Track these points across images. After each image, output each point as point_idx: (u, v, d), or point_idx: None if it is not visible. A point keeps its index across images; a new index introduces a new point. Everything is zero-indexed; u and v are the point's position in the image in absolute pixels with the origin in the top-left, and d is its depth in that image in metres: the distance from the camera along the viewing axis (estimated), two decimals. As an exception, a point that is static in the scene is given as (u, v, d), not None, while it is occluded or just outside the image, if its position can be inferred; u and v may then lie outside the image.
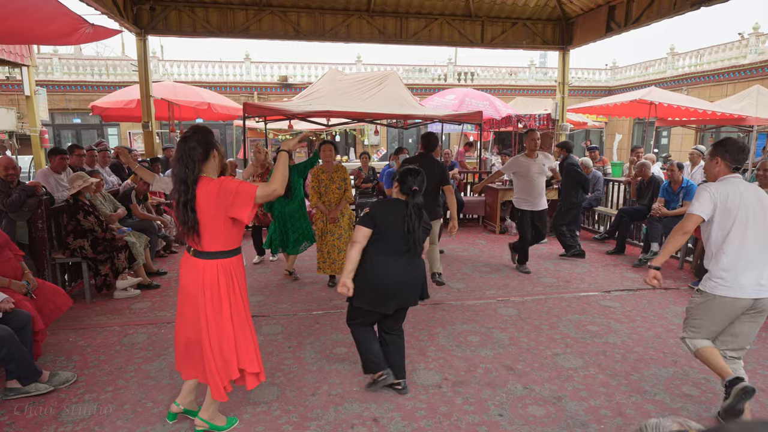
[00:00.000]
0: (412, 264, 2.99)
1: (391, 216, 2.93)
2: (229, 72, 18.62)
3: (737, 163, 2.80)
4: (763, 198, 2.74)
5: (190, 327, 2.55)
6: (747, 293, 2.68)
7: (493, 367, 3.48)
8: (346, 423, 2.82)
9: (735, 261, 2.69)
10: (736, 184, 2.75)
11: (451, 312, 4.57)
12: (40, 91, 8.91)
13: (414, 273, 3.00)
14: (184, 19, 8.21)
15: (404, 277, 2.95)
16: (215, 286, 2.48)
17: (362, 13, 8.68)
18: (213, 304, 2.48)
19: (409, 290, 3.00)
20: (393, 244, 2.93)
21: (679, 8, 6.54)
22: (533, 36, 9.29)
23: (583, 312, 4.59)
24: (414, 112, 7.84)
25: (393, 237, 2.92)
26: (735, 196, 2.69)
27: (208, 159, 2.48)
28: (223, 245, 2.50)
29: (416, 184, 2.96)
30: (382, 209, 2.96)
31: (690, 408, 2.98)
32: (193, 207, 2.41)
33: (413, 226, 2.91)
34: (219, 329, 2.50)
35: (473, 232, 8.40)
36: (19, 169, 4.77)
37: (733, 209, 2.69)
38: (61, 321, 4.09)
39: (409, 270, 2.97)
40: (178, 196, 2.43)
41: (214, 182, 2.43)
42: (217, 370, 2.51)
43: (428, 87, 19.12)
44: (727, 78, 15.31)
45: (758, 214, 2.69)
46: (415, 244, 2.95)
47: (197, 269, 2.49)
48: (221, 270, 2.49)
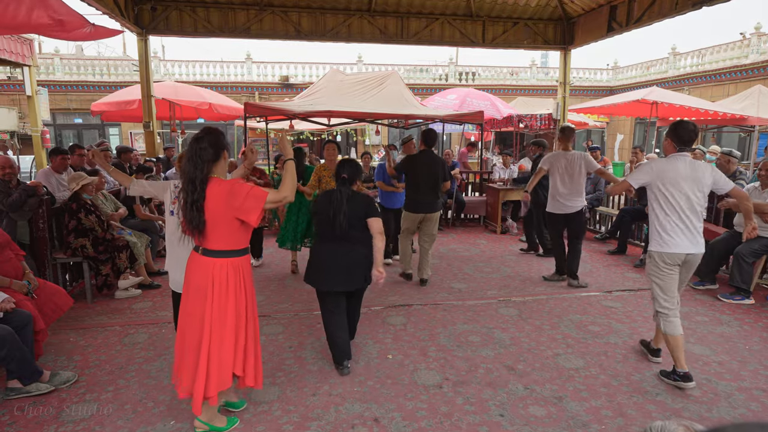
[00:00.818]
0: (342, 249, 3.26)
1: (323, 204, 3.30)
2: (231, 72, 18.63)
3: (682, 144, 3.27)
4: (698, 174, 3.20)
5: (194, 325, 2.51)
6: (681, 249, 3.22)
7: (494, 368, 3.48)
8: (346, 423, 2.81)
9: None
10: (676, 160, 3.24)
11: (452, 312, 4.56)
12: (41, 91, 8.92)
13: (343, 256, 3.25)
14: (185, 19, 8.21)
15: (331, 260, 3.25)
16: (224, 283, 2.49)
17: (363, 13, 8.68)
18: (219, 302, 2.48)
19: (337, 273, 3.25)
20: (322, 229, 3.34)
21: (681, 8, 6.52)
22: (534, 36, 9.28)
23: (584, 312, 4.58)
24: (415, 112, 7.82)
25: (319, 221, 3.35)
26: (671, 171, 3.21)
27: (218, 160, 2.51)
28: (232, 244, 2.52)
29: (345, 172, 3.33)
30: (319, 199, 3.38)
31: (691, 408, 2.97)
32: (200, 207, 2.42)
33: (336, 208, 3.21)
34: (221, 329, 2.49)
35: (474, 232, 8.39)
36: (17, 168, 4.76)
37: (667, 181, 3.22)
38: (62, 321, 4.10)
39: (337, 254, 3.26)
40: (186, 195, 2.44)
41: (225, 184, 2.46)
42: (206, 379, 2.46)
43: (429, 87, 19.11)
44: (728, 78, 15.28)
45: (687, 186, 3.20)
46: (335, 224, 3.20)
47: (207, 267, 2.49)
48: (231, 268, 2.51)
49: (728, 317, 4.45)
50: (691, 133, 3.24)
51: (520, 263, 6.33)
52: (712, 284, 5.24)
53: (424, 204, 5.23)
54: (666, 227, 3.23)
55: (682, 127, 3.25)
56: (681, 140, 3.26)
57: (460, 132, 15.97)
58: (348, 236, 3.25)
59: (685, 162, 3.23)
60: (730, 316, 4.46)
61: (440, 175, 5.26)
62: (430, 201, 5.24)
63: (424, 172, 5.17)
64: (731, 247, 5.06)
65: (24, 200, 4.42)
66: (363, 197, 3.36)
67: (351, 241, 3.27)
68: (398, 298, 4.95)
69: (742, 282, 4.83)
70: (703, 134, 14.50)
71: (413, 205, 5.27)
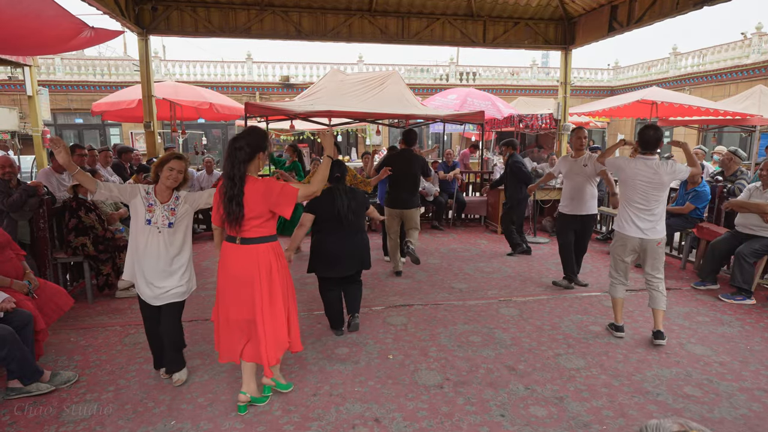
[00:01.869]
0: (349, 237, 3.83)
1: (322, 203, 3.74)
2: (231, 72, 18.64)
3: (644, 148, 3.78)
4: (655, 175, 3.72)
5: (246, 309, 2.78)
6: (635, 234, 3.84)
7: (495, 368, 3.47)
8: (347, 423, 2.81)
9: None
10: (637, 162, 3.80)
11: (453, 312, 4.56)
12: (42, 91, 8.92)
13: (351, 245, 3.84)
14: (186, 19, 8.21)
15: (341, 248, 3.82)
16: (268, 265, 2.78)
17: (364, 13, 8.67)
18: (268, 282, 2.77)
19: (347, 258, 3.85)
20: (329, 224, 3.78)
21: (682, 8, 6.51)
22: (535, 36, 9.27)
23: (585, 312, 4.58)
24: (416, 112, 7.82)
25: (327, 218, 3.77)
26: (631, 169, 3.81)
27: (252, 160, 2.75)
28: (267, 231, 2.81)
29: (338, 171, 3.81)
30: (317, 199, 3.69)
31: (693, 408, 2.96)
32: (240, 201, 2.67)
33: (339, 205, 3.73)
34: (272, 306, 2.80)
35: (475, 232, 8.39)
36: (17, 168, 4.76)
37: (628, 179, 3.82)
38: (62, 321, 4.09)
39: (345, 242, 3.82)
40: (226, 190, 2.70)
41: (260, 182, 2.74)
42: (266, 348, 2.78)
43: (430, 87, 19.11)
44: (729, 78, 15.27)
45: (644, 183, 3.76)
46: (343, 219, 3.74)
47: (251, 254, 2.75)
48: (272, 252, 2.81)
49: (729, 317, 4.44)
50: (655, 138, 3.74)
51: (520, 263, 6.33)
52: (714, 284, 5.23)
53: (401, 200, 5.54)
54: None
55: (646, 135, 3.75)
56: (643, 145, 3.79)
57: (460, 132, 15.97)
58: (352, 226, 3.82)
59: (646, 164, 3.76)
60: (732, 317, 4.45)
61: (418, 174, 5.61)
62: (407, 198, 5.55)
63: (403, 170, 5.45)
64: (732, 247, 5.05)
65: (24, 200, 4.42)
66: (360, 192, 3.94)
67: (356, 229, 3.87)
68: (399, 298, 4.95)
69: (743, 282, 4.82)
70: (704, 134, 14.49)
71: (392, 201, 5.60)
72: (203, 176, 8.31)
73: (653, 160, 3.75)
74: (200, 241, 7.57)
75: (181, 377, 3.23)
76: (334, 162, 3.52)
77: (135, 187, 3.09)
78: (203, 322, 4.26)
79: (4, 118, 12.16)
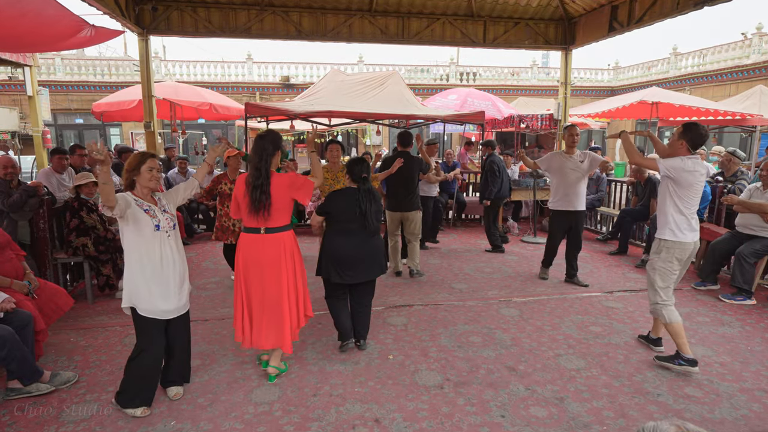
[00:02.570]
0: (368, 241, 3.57)
1: (342, 202, 3.54)
2: (231, 72, 18.65)
3: (697, 146, 3.45)
4: (702, 175, 3.46)
5: (272, 292, 3.13)
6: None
7: (495, 368, 3.47)
8: (347, 424, 2.80)
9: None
10: (695, 163, 3.42)
11: (453, 312, 4.55)
12: (42, 91, 8.91)
13: (370, 249, 3.57)
14: (186, 19, 8.21)
15: (360, 253, 3.52)
16: (290, 250, 3.20)
17: (364, 13, 8.67)
18: (293, 265, 3.20)
19: (366, 263, 3.55)
20: (347, 226, 3.53)
21: (682, 8, 6.51)
22: (535, 36, 9.27)
23: (585, 313, 4.57)
24: (416, 112, 7.81)
25: (346, 219, 3.53)
26: (690, 170, 3.41)
27: (275, 155, 3.14)
28: (287, 220, 3.20)
29: (364, 171, 3.59)
30: (332, 199, 3.57)
31: (693, 409, 2.96)
32: (266, 190, 3.03)
33: (365, 207, 3.50)
34: (296, 283, 3.23)
35: (475, 232, 8.38)
36: (19, 168, 4.77)
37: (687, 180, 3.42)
38: (62, 321, 4.09)
39: (364, 246, 3.54)
40: (253, 180, 3.04)
41: (284, 176, 3.16)
42: (291, 324, 3.19)
43: (430, 87, 19.11)
44: (730, 78, 15.27)
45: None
46: (368, 223, 3.53)
47: (278, 242, 3.13)
48: (292, 237, 3.24)
49: (730, 318, 4.43)
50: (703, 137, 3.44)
51: (520, 263, 6.33)
52: (714, 285, 5.23)
53: (400, 203, 5.51)
54: None
55: (698, 133, 3.41)
56: (694, 146, 3.45)
57: (460, 132, 15.97)
58: (373, 229, 3.59)
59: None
60: (732, 317, 4.45)
61: (416, 175, 5.54)
62: (407, 200, 5.51)
63: (401, 173, 5.29)
64: (733, 248, 5.05)
65: (25, 200, 4.42)
66: (377, 194, 3.71)
67: (374, 233, 3.62)
68: (399, 298, 4.94)
69: (743, 282, 4.82)
70: (704, 134, 14.46)
71: (392, 205, 5.56)
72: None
73: (697, 158, 3.46)
74: (200, 241, 7.57)
75: (179, 391, 3.09)
76: (356, 159, 3.67)
77: (123, 197, 2.71)
78: (202, 322, 4.26)
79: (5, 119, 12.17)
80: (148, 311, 2.82)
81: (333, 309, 3.71)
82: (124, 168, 2.86)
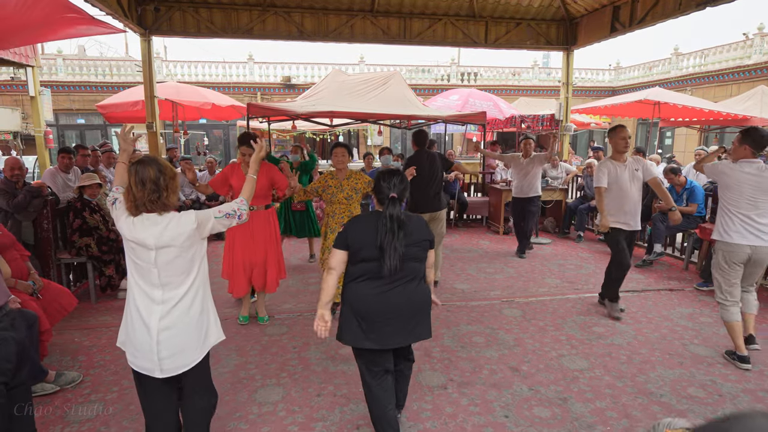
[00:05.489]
0: (397, 289, 2.42)
1: (365, 232, 2.42)
2: (233, 72, 18.66)
3: (760, 149, 3.52)
4: (761, 178, 3.49)
5: (259, 254, 4.14)
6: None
7: (498, 368, 3.48)
8: (351, 424, 2.81)
9: None
10: (743, 165, 3.54)
11: (456, 313, 4.56)
12: (44, 91, 8.92)
13: (399, 300, 2.42)
14: (188, 19, 8.21)
15: (386, 306, 2.40)
16: (274, 223, 4.28)
17: (366, 14, 8.67)
18: (274, 234, 4.26)
19: (396, 321, 2.42)
20: (372, 265, 2.40)
21: (684, 8, 6.50)
22: (537, 36, 9.26)
23: (588, 313, 4.58)
24: (417, 113, 7.82)
25: (371, 257, 2.40)
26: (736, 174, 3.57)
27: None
28: (270, 200, 4.28)
29: (394, 189, 2.44)
30: (354, 225, 2.49)
31: (696, 410, 2.97)
32: None
33: (387, 241, 2.35)
34: (276, 245, 4.28)
35: (477, 232, 8.39)
36: (26, 170, 4.79)
37: (734, 184, 3.58)
38: (66, 321, 4.10)
39: (391, 296, 2.40)
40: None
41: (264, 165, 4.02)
42: (277, 273, 4.29)
43: (432, 87, 19.12)
44: (731, 78, 15.25)
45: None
46: (389, 264, 2.34)
47: (265, 216, 4.19)
48: (273, 213, 4.35)
49: (732, 318, 4.43)
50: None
51: (523, 264, 6.33)
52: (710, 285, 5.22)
53: (429, 203, 5.22)
54: None
55: (760, 136, 3.51)
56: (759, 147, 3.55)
57: (462, 132, 15.97)
58: (404, 271, 2.43)
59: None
60: (735, 317, 4.44)
61: (441, 171, 5.31)
62: (434, 199, 5.24)
63: (425, 171, 5.06)
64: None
65: (29, 201, 4.43)
66: (420, 219, 2.57)
67: (408, 277, 2.46)
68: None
69: (746, 283, 4.81)
70: (705, 135, 14.48)
71: (421, 206, 5.19)
72: (205, 177, 8.31)
73: (758, 163, 3.51)
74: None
75: None
76: (387, 171, 2.57)
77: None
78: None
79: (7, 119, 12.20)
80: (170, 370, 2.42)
81: (369, 395, 2.53)
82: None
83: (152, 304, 2.14)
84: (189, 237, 2.16)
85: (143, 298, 2.15)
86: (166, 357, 2.14)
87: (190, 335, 2.19)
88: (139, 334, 2.14)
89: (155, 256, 2.11)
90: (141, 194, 2.10)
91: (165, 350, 2.13)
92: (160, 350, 2.12)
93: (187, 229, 2.15)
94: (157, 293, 2.15)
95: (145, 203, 2.11)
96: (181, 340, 2.16)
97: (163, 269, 2.13)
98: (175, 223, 2.14)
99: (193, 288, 2.21)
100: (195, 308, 2.21)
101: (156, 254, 2.11)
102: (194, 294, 2.22)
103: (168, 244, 2.12)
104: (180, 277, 2.17)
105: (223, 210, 2.33)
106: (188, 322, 2.18)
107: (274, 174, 4.14)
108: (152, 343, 2.11)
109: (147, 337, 2.12)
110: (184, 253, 2.16)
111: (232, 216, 2.35)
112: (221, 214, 2.31)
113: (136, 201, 2.11)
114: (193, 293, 2.21)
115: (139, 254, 2.13)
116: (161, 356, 2.13)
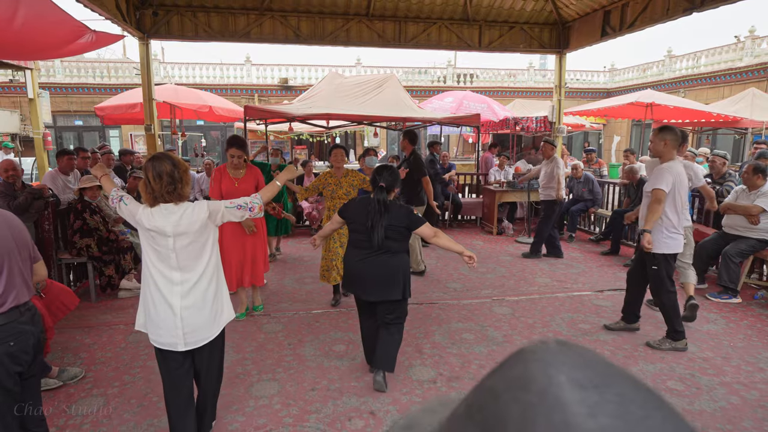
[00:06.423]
0: (376, 260, 3.13)
1: (357, 211, 3.22)
2: (230, 74, 18.75)
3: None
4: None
5: (249, 251, 4.34)
6: None
7: (487, 364, 3.60)
8: (344, 416, 2.93)
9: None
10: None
11: (447, 311, 4.68)
12: (42, 93, 9.02)
13: (381, 266, 3.12)
14: (186, 23, 8.33)
15: (362, 270, 3.16)
16: (261, 224, 4.46)
17: (362, 18, 8.79)
18: (262, 233, 4.47)
19: (378, 281, 3.14)
20: (357, 237, 3.23)
21: (672, 14, 6.65)
22: (530, 40, 9.41)
23: (575, 311, 4.71)
24: (413, 115, 7.96)
25: (357, 230, 3.23)
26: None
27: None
28: None
29: (382, 180, 3.16)
30: (351, 204, 3.31)
31: (674, 402, 3.09)
32: None
33: (374, 221, 3.08)
34: (263, 243, 4.52)
35: (470, 233, 8.52)
36: (21, 171, 4.87)
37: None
38: (67, 320, 4.20)
39: (369, 263, 3.14)
40: None
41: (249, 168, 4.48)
42: (263, 266, 4.52)
43: (428, 89, 19.25)
44: (723, 80, 15.43)
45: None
46: (376, 238, 3.07)
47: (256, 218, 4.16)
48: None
49: (715, 315, 4.58)
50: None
51: (515, 264, 6.46)
52: (701, 283, 5.37)
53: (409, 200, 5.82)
54: None
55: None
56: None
57: (458, 134, 16.12)
58: (383, 247, 3.12)
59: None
60: (717, 314, 4.59)
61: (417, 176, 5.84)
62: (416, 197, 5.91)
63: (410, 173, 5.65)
64: (719, 248, 5.19)
65: (30, 203, 4.53)
66: (402, 208, 3.19)
67: (387, 251, 3.14)
68: (395, 297, 5.07)
69: (729, 281, 4.96)
70: (698, 136, 14.65)
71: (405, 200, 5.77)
72: (203, 178, 8.42)
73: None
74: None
75: None
76: (382, 166, 3.27)
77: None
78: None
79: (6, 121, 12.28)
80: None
81: (361, 327, 3.50)
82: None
83: (172, 285, 2.38)
84: (202, 225, 2.40)
85: (163, 280, 2.39)
86: (189, 332, 2.39)
87: (208, 312, 2.45)
88: (162, 313, 2.38)
89: (173, 242, 2.35)
90: (158, 186, 2.32)
91: (187, 326, 2.39)
92: (184, 326, 2.38)
93: (200, 217, 2.39)
94: (176, 275, 2.38)
95: (163, 194, 2.32)
96: (201, 317, 2.42)
97: (180, 253, 2.37)
98: (190, 212, 2.37)
99: (208, 270, 2.46)
100: (211, 289, 2.47)
101: (174, 240, 2.34)
102: (210, 276, 2.47)
103: (184, 231, 2.35)
104: (195, 260, 2.42)
105: (235, 202, 2.56)
106: (205, 301, 2.44)
107: (260, 178, 4.46)
108: (176, 320, 2.36)
109: (171, 315, 2.37)
110: (198, 239, 2.40)
111: (243, 208, 2.57)
112: (233, 205, 2.53)
113: (154, 193, 2.32)
114: (209, 275, 2.46)
115: (159, 241, 2.36)
116: (185, 331, 2.38)
